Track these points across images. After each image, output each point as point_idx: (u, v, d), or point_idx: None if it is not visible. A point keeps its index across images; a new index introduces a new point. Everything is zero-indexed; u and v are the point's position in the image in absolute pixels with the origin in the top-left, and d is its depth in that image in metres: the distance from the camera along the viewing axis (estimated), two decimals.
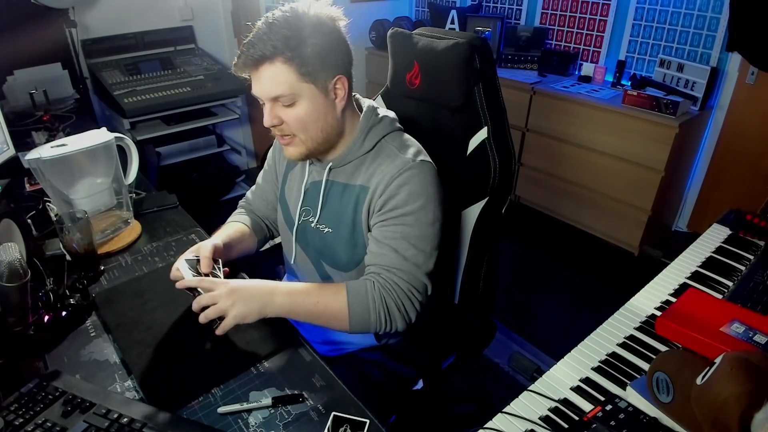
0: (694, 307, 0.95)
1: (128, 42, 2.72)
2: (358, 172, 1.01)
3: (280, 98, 0.91)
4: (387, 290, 0.94)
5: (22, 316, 0.89)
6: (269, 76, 0.89)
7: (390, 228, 0.96)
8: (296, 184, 1.11)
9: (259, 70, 0.89)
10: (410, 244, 0.95)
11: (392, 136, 1.03)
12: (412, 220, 0.95)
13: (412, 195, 0.95)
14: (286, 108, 0.92)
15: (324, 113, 0.94)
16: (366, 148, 1.01)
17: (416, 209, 0.95)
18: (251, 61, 0.89)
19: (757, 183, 2.42)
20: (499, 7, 3.33)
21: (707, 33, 2.45)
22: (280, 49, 0.87)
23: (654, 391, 0.77)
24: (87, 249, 1.09)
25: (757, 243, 1.20)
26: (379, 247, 0.97)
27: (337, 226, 1.04)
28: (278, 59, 0.88)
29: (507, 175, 1.11)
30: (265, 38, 0.87)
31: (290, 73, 0.89)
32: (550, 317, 2.26)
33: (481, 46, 1.08)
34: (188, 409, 0.81)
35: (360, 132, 1.01)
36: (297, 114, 0.92)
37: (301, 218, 1.09)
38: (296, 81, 0.89)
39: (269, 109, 0.93)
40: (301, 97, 0.91)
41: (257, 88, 0.92)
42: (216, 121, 2.83)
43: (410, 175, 0.95)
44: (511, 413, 0.78)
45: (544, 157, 2.85)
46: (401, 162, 0.97)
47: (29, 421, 0.75)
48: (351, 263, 1.05)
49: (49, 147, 1.17)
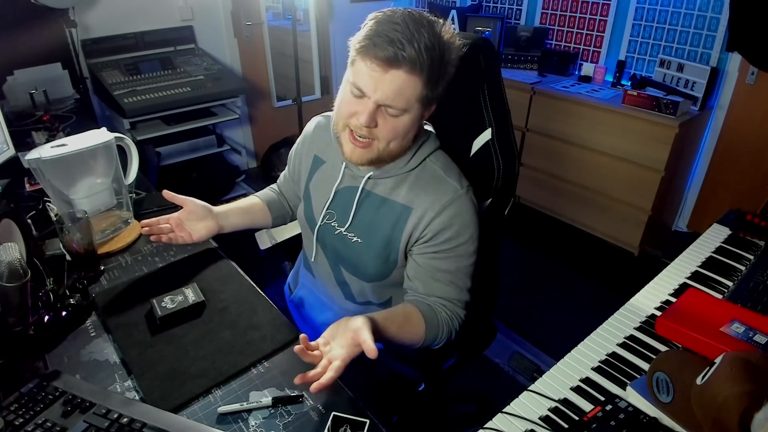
0: (694, 307, 0.95)
1: (128, 42, 2.71)
2: (399, 188, 0.98)
3: (391, 107, 0.86)
4: (453, 320, 0.99)
5: (22, 316, 0.89)
6: (396, 84, 0.83)
7: (445, 261, 0.97)
8: (325, 185, 1.07)
9: (391, 71, 0.82)
10: (465, 275, 0.99)
11: (436, 155, 1.00)
12: (463, 251, 0.97)
13: (464, 227, 0.95)
14: (387, 115, 0.87)
15: (411, 131, 0.92)
16: (411, 166, 0.98)
17: (467, 240, 0.96)
18: (395, 57, 0.80)
19: (757, 183, 2.42)
20: (499, 7, 3.33)
21: (707, 33, 2.45)
22: (424, 65, 0.81)
23: (654, 391, 0.78)
24: (87, 249, 1.09)
25: (757, 243, 1.20)
26: (434, 279, 0.98)
27: (368, 238, 1.01)
28: (418, 74, 0.82)
29: (510, 176, 1.11)
30: (415, 43, 0.80)
31: (416, 91, 0.84)
32: (550, 317, 2.26)
33: (486, 46, 1.07)
34: (188, 409, 0.81)
35: (410, 148, 0.97)
36: (395, 125, 0.88)
37: (324, 220, 1.06)
38: (415, 100, 0.86)
39: (372, 110, 0.85)
40: (408, 114, 0.87)
41: (375, 85, 0.83)
42: (216, 121, 2.83)
43: (461, 205, 0.95)
44: (512, 413, 0.78)
45: (544, 157, 2.85)
46: (451, 190, 0.95)
47: (29, 421, 0.75)
48: (377, 275, 1.03)
49: (49, 147, 1.17)
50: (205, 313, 1.01)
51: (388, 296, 1.09)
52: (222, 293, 1.07)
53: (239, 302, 1.04)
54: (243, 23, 3.16)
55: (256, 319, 0.99)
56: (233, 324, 0.98)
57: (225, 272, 1.14)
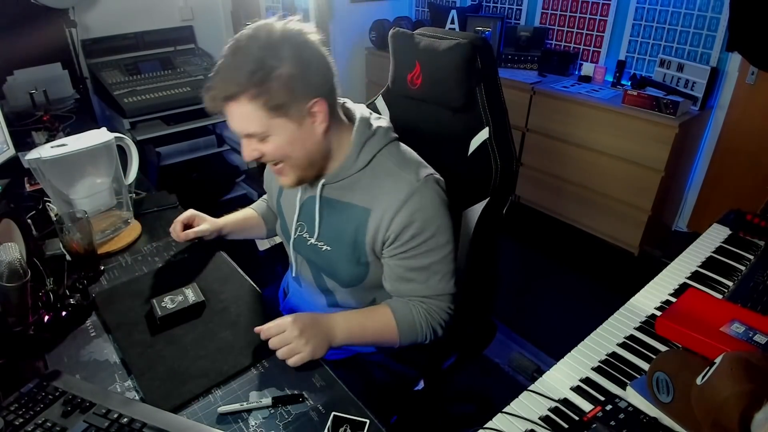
0: (694, 307, 0.95)
1: (128, 42, 2.71)
2: (354, 190, 0.97)
3: (253, 135, 0.88)
4: (432, 316, 0.98)
5: (23, 316, 0.89)
6: (238, 115, 0.86)
7: (414, 260, 0.95)
8: (291, 198, 1.08)
9: (228, 109, 0.86)
10: (438, 269, 0.97)
11: (388, 149, 0.98)
12: (433, 245, 0.94)
13: (427, 220, 0.92)
14: (261, 142, 0.89)
15: (302, 140, 0.90)
16: (360, 165, 0.96)
17: (434, 233, 0.93)
18: (217, 101, 0.85)
19: (757, 183, 2.42)
20: (499, 7, 3.33)
21: (707, 33, 2.45)
22: (244, 86, 0.82)
23: (654, 391, 0.77)
24: (87, 249, 1.09)
25: (757, 243, 1.20)
26: (406, 281, 0.97)
27: (336, 244, 1.00)
28: (243, 98, 0.83)
29: (508, 175, 1.11)
30: (229, 75, 0.83)
31: (258, 111, 0.84)
32: (550, 317, 2.26)
33: (483, 46, 1.08)
34: (188, 409, 0.81)
35: (354, 147, 0.95)
36: (275, 146, 0.89)
37: (297, 232, 1.07)
38: (266, 118, 0.85)
39: (246, 144, 0.90)
40: (273, 131, 0.87)
41: (230, 124, 0.89)
42: (216, 121, 2.82)
43: (419, 198, 0.92)
44: (511, 413, 0.78)
45: (544, 157, 2.85)
46: (406, 184, 0.92)
47: (29, 421, 0.75)
48: (353, 280, 1.03)
49: (49, 147, 1.17)
50: (205, 313, 1.01)
51: (370, 299, 1.08)
52: (222, 293, 1.07)
53: (239, 302, 1.04)
54: (243, 23, 3.12)
55: (256, 319, 0.99)
56: (233, 324, 0.98)
57: (225, 272, 1.14)
